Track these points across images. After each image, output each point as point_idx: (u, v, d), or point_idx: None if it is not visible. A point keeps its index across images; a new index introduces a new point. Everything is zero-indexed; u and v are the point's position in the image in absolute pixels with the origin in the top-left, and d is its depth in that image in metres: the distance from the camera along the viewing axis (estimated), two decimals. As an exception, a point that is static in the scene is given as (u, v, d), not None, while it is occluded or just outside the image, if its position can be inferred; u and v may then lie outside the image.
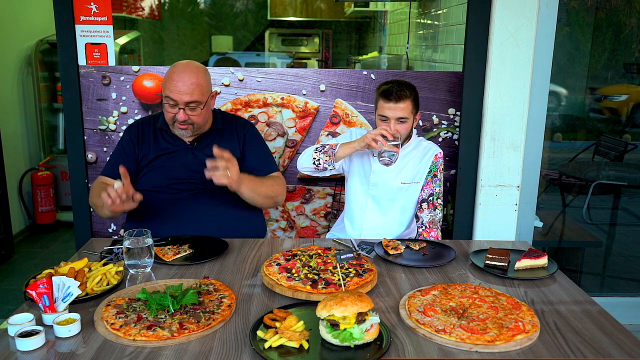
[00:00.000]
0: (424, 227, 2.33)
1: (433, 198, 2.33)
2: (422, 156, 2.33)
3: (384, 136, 2.08)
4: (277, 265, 1.70)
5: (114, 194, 1.83)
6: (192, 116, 2.07)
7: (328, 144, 2.23)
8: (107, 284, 1.57)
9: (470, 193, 2.77)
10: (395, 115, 2.18)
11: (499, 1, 2.53)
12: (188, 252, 1.87)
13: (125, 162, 2.18)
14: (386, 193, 2.33)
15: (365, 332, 1.28)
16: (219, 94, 2.68)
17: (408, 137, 2.31)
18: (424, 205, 2.34)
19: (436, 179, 2.34)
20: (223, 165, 1.92)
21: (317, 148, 2.24)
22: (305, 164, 2.27)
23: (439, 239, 2.31)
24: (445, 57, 3.29)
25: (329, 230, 2.91)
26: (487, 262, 1.81)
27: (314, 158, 2.22)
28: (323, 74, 2.77)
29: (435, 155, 2.34)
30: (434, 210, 2.33)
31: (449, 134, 2.83)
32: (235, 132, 2.25)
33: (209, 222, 2.13)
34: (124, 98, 2.72)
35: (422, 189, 2.34)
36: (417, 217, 2.38)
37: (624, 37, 3.85)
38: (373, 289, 1.62)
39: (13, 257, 3.96)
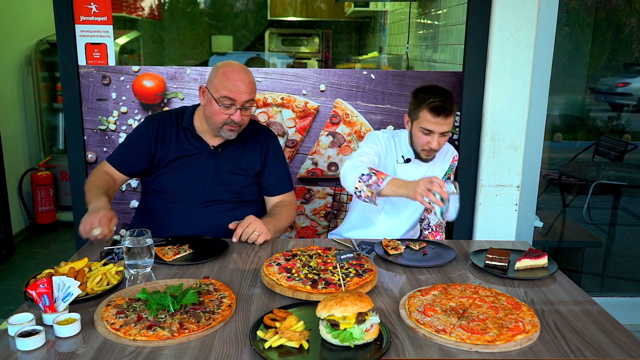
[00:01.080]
0: (430, 230, 2.32)
1: None
2: (442, 158, 2.28)
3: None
4: (277, 265, 1.70)
5: (91, 237, 1.80)
6: (244, 117, 2.03)
7: (375, 175, 1.90)
8: (107, 284, 1.57)
9: (470, 193, 2.77)
10: (441, 130, 2.07)
11: (499, 1, 2.53)
12: (188, 252, 1.87)
13: (136, 157, 2.11)
14: (399, 204, 2.29)
15: (365, 332, 1.28)
16: None
17: None
18: None
19: (449, 181, 2.31)
20: (249, 232, 1.95)
21: (363, 174, 1.92)
22: (347, 185, 2.01)
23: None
24: (445, 57, 3.29)
25: (329, 230, 2.91)
26: (487, 262, 1.81)
27: (357, 188, 1.93)
28: (323, 74, 2.77)
29: (453, 157, 2.31)
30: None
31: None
32: (258, 142, 2.19)
33: (221, 233, 2.06)
34: (124, 98, 2.72)
35: None
36: (421, 218, 2.36)
37: (624, 37, 3.85)
38: (373, 289, 1.62)
39: (13, 257, 3.96)
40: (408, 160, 2.22)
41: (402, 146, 2.23)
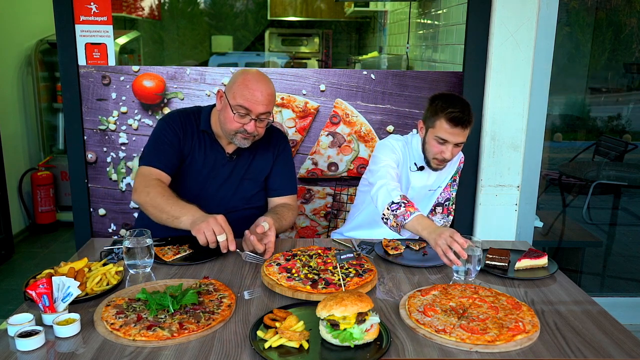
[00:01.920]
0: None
1: (449, 203, 2.31)
2: (450, 162, 2.24)
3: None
4: (277, 265, 1.70)
5: (214, 243, 1.72)
6: (258, 128, 1.95)
7: (405, 206, 1.87)
8: (107, 284, 1.57)
9: (470, 193, 2.77)
10: (456, 140, 2.05)
11: (499, 1, 2.53)
12: (188, 252, 1.86)
13: (173, 154, 2.02)
14: (415, 202, 2.28)
15: (365, 332, 1.28)
16: None
17: None
18: (438, 209, 2.30)
19: (455, 183, 2.31)
20: (269, 243, 1.84)
21: (393, 203, 1.90)
22: (377, 206, 1.98)
23: None
24: (445, 57, 3.29)
25: (329, 230, 2.91)
26: (487, 262, 1.81)
27: (384, 214, 1.92)
28: (323, 74, 2.77)
29: (460, 160, 2.31)
30: (447, 216, 2.31)
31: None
32: (270, 145, 2.13)
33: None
34: (124, 98, 2.72)
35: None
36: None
37: (624, 37, 3.85)
38: (373, 289, 1.62)
39: (13, 257, 3.96)
40: (421, 168, 2.21)
41: (415, 153, 2.21)
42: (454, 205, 2.33)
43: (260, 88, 1.92)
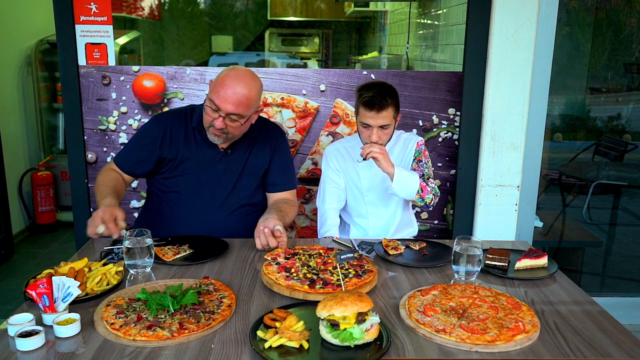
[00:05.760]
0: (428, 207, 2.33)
1: (424, 178, 2.31)
2: (404, 149, 2.33)
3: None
4: (276, 264, 1.70)
5: (96, 237, 1.81)
6: (229, 127, 1.95)
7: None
8: (107, 284, 1.57)
9: (470, 193, 2.77)
10: (377, 124, 2.13)
11: (499, 1, 2.53)
12: (188, 252, 1.87)
13: (140, 159, 2.07)
14: (381, 195, 2.33)
15: (365, 332, 1.28)
16: (262, 110, 2.39)
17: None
18: None
19: (422, 162, 2.32)
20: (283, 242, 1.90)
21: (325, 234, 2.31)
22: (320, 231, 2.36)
23: (427, 191, 2.22)
24: (445, 57, 3.29)
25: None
26: (487, 262, 1.81)
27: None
28: (323, 74, 2.77)
29: (417, 143, 2.34)
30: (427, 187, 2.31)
31: (449, 134, 2.82)
32: (268, 139, 2.14)
33: (227, 234, 2.05)
34: (124, 98, 2.72)
35: None
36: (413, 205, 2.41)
37: (624, 37, 3.85)
38: (373, 289, 1.62)
39: (13, 257, 3.96)
40: (366, 158, 2.28)
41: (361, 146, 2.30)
42: (430, 179, 2.31)
43: (234, 89, 1.90)
